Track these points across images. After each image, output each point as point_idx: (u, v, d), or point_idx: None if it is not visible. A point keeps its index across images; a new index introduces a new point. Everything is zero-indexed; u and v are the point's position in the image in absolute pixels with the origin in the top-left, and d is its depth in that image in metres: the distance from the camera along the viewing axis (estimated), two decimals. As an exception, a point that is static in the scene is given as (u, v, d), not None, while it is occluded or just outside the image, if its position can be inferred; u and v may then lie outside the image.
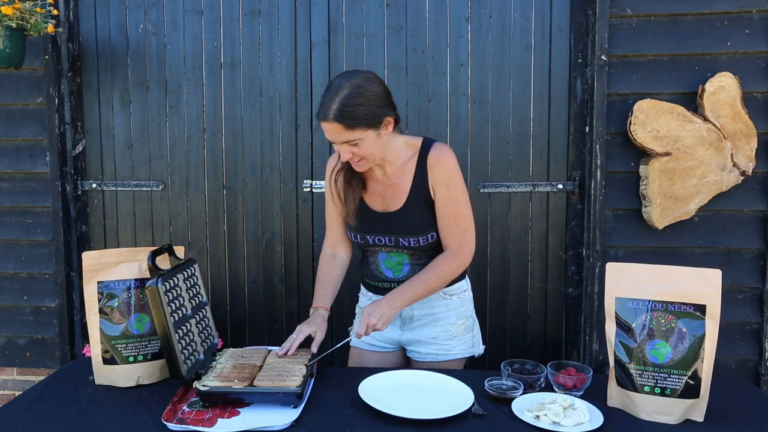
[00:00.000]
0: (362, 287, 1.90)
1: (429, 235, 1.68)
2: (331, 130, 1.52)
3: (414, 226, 1.67)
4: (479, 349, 1.86)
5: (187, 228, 2.59)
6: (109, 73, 2.56)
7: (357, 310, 1.95)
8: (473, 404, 1.43)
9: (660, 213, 2.20)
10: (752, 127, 2.15)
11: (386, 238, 1.71)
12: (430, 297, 1.75)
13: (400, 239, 1.69)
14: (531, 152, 2.41)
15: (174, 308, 1.54)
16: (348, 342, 1.71)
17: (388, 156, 1.66)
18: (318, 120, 1.55)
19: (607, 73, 2.23)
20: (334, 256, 1.85)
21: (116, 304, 1.65)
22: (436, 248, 1.72)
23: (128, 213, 2.61)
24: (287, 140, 2.50)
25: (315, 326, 1.67)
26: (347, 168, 1.71)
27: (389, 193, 1.70)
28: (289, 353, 1.61)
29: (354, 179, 1.73)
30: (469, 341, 1.82)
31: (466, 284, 1.84)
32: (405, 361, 1.88)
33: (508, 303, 2.48)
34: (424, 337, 1.78)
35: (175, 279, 1.61)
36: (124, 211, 2.61)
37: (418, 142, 1.69)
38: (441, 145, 1.68)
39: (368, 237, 1.73)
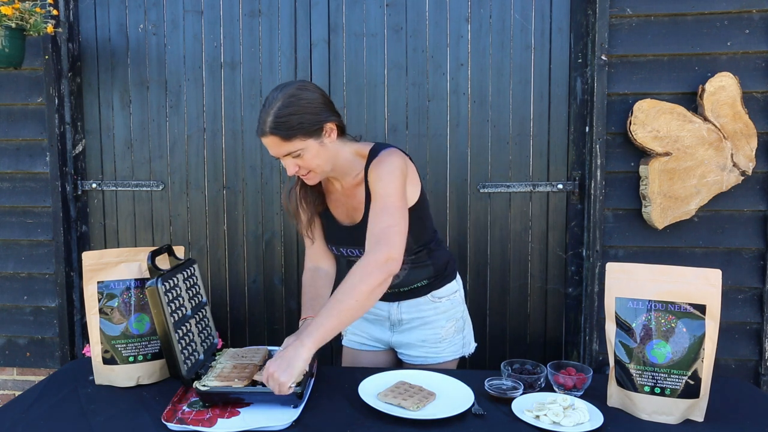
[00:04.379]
0: None
1: None
2: (270, 144, 1.47)
3: None
4: (470, 348, 1.84)
5: (187, 228, 2.59)
6: (109, 73, 2.56)
7: None
8: (473, 404, 1.43)
9: (660, 213, 2.20)
10: (752, 127, 2.15)
11: (356, 250, 1.66)
12: (418, 300, 1.73)
13: None
14: (531, 152, 2.41)
15: (174, 308, 1.54)
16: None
17: (340, 167, 1.58)
18: (258, 137, 1.50)
19: (607, 73, 2.23)
20: (316, 269, 1.77)
21: (116, 304, 1.65)
22: (419, 252, 1.68)
23: (128, 213, 2.61)
24: (287, 140, 2.50)
25: None
26: (300, 183, 1.65)
27: (350, 206, 1.66)
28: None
29: (310, 193, 1.67)
30: (459, 342, 1.80)
31: (456, 285, 1.80)
32: (397, 360, 1.86)
33: (508, 303, 2.48)
34: (414, 340, 1.77)
35: (175, 279, 1.61)
36: (124, 211, 2.61)
37: (367, 149, 1.59)
38: (385, 152, 1.56)
39: (342, 250, 1.70)
